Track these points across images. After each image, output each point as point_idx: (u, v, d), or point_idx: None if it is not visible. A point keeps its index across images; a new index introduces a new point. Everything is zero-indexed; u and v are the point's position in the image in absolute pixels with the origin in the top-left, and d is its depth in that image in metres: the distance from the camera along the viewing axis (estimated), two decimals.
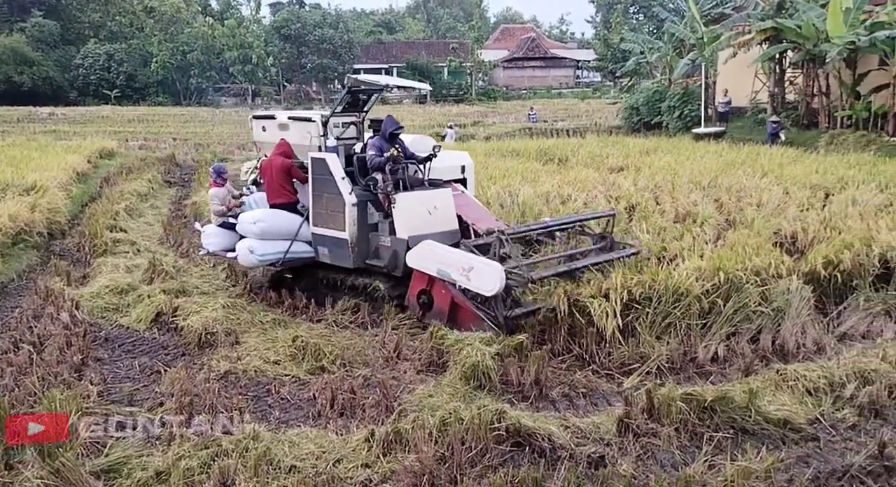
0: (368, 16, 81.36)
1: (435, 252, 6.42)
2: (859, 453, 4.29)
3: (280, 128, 7.74)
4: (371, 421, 4.84)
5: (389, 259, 6.95)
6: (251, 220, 7.39)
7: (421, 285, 6.63)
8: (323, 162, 7.08)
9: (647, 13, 49.00)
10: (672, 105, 25.38)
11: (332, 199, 7.03)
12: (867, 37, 17.43)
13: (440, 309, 6.50)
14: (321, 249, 7.33)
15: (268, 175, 7.53)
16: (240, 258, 7.42)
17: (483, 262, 6.13)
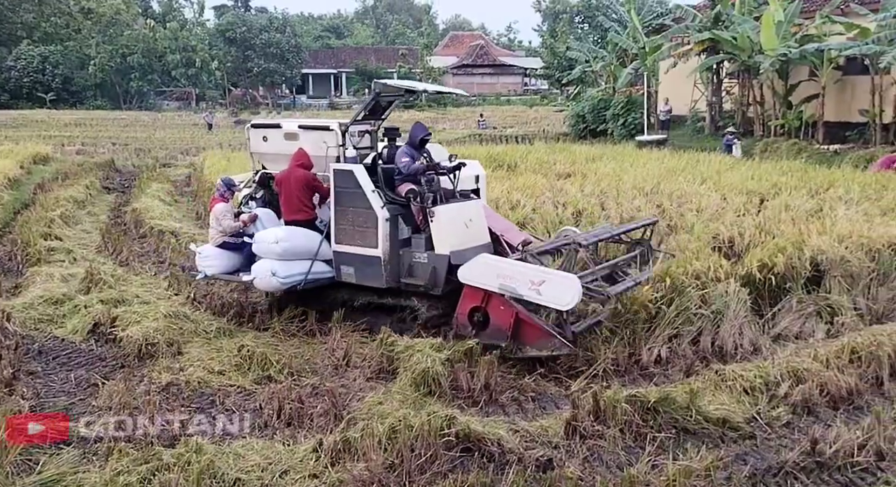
0: (316, 20, 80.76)
1: (495, 266, 5.97)
2: (793, 450, 4.44)
3: (287, 139, 7.11)
4: (319, 431, 4.77)
5: (429, 276, 6.41)
6: (272, 239, 6.65)
7: (474, 302, 6.08)
8: (349, 174, 6.50)
9: (591, 23, 50.02)
10: (616, 113, 26.02)
11: (361, 214, 6.46)
12: (798, 49, 18.27)
13: (499, 327, 5.98)
14: (345, 269, 6.70)
15: (285, 189, 6.84)
16: (259, 282, 6.74)
17: (558, 275, 5.86)
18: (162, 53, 51.27)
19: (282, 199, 6.93)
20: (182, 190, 16.56)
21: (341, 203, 6.60)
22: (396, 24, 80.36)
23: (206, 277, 7.28)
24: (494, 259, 6.12)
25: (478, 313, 6.09)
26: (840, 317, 6.61)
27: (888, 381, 5.39)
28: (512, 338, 5.93)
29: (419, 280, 6.48)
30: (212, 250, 7.24)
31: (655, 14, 28.05)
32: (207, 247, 7.31)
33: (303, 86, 58.24)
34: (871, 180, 11.62)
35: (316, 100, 54.91)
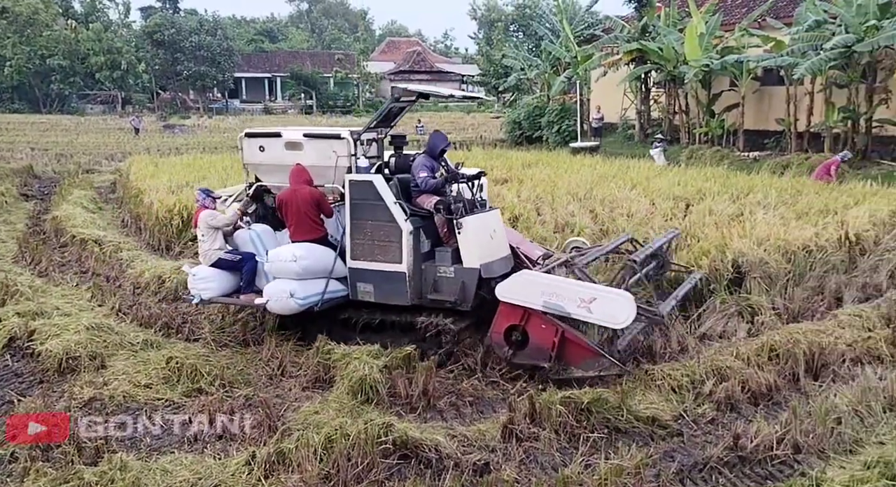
0: (249, 23, 79.12)
1: (540, 282, 5.69)
2: (717, 445, 4.62)
3: (288, 148, 6.59)
4: (252, 443, 4.67)
5: (457, 292, 6.06)
6: (289, 257, 6.14)
7: (511, 320, 5.79)
8: (369, 185, 6.11)
9: (526, 31, 50.94)
10: (551, 120, 26.55)
11: (382, 228, 6.07)
12: (719, 60, 19.09)
13: (540, 347, 5.70)
14: (362, 286, 6.27)
15: (292, 207, 6.30)
16: (275, 304, 6.19)
17: (610, 292, 5.64)
18: (85, 55, 49.14)
19: (290, 220, 6.37)
20: (107, 197, 15.93)
21: (359, 216, 6.17)
22: (332, 28, 79.71)
23: (202, 302, 6.65)
24: (538, 275, 5.85)
25: (516, 332, 5.80)
26: (760, 317, 6.92)
27: (804, 377, 5.67)
28: (556, 359, 5.67)
29: (446, 295, 6.09)
30: (207, 270, 6.54)
31: (586, 24, 28.79)
32: (201, 268, 6.61)
33: (236, 90, 56.98)
34: (787, 186, 12.25)
35: (250, 105, 53.80)
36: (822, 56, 15.66)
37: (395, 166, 6.77)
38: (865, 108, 16.62)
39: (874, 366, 5.56)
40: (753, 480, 4.35)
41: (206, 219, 6.51)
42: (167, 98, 53.61)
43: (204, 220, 6.52)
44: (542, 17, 33.79)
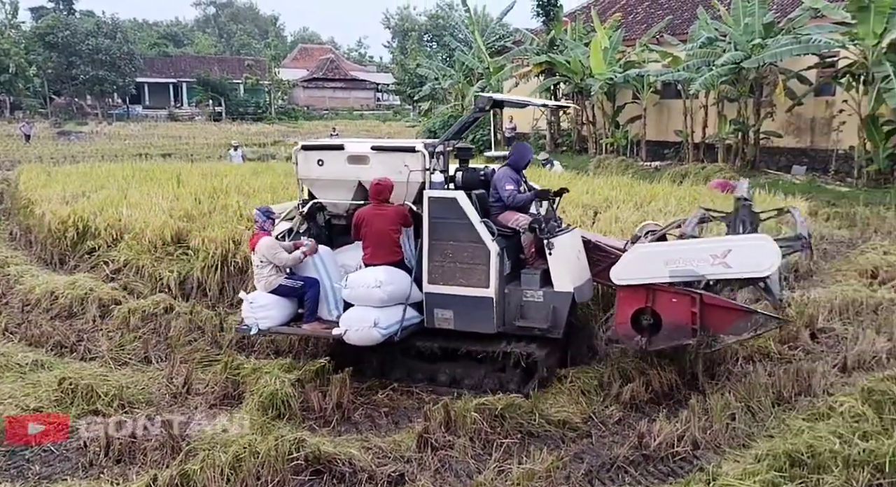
0: (151, 27, 75.90)
1: (659, 252, 5.28)
2: (623, 445, 4.81)
3: (352, 162, 5.94)
4: (154, 466, 4.45)
5: (548, 318, 5.55)
6: (373, 283, 5.53)
7: (636, 304, 5.32)
8: (452, 202, 5.58)
9: (439, 41, 51.50)
10: None
11: (465, 249, 5.55)
12: (622, 74, 20.00)
13: (678, 323, 5.24)
14: (440, 313, 5.70)
15: (374, 226, 5.68)
16: (355, 334, 5.53)
17: (745, 239, 5.26)
18: None
19: (368, 240, 5.74)
20: None
21: (438, 236, 5.63)
22: (241, 34, 77.64)
23: (259, 332, 5.93)
24: (654, 245, 5.49)
25: (644, 315, 5.33)
26: None
27: (702, 376, 5.97)
28: (701, 331, 5.22)
29: (536, 322, 5.57)
30: (266, 297, 5.85)
31: (498, 36, 29.41)
32: (260, 294, 5.89)
33: (138, 95, 54.41)
34: (686, 194, 12.92)
35: (153, 111, 51.49)
36: (715, 72, 16.70)
37: (462, 181, 6.06)
38: (753, 121, 17.83)
39: (763, 364, 5.93)
40: (657, 477, 4.54)
41: (266, 253, 5.78)
42: (62, 103, 50.48)
43: (262, 253, 5.80)
44: (454, 28, 34.21)
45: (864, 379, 5.64)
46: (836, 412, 4.99)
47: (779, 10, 18.64)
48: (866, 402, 5.07)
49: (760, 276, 5.18)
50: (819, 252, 10.11)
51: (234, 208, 10.12)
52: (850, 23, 15.01)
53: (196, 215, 9.73)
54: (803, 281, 8.88)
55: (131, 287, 8.11)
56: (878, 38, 14.28)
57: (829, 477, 4.11)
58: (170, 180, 12.68)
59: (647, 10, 24.76)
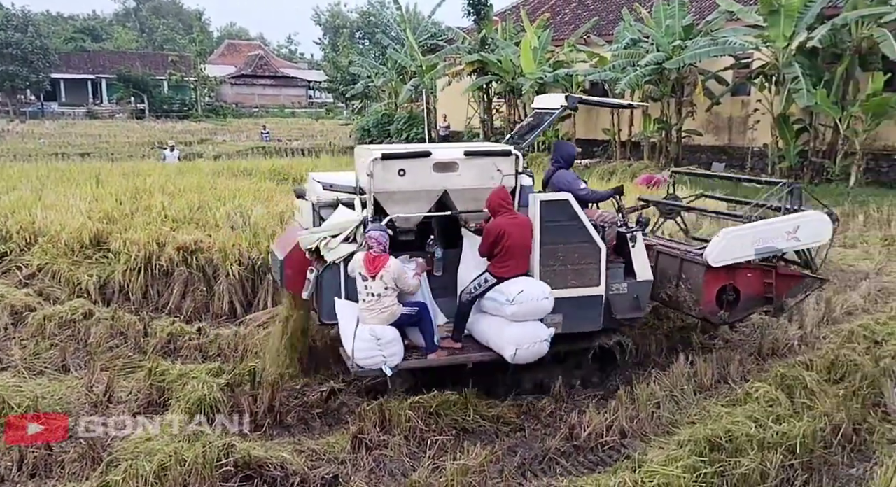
0: (67, 20, 72.27)
1: (747, 234, 5.89)
2: (555, 437, 4.91)
3: (438, 170, 5.41)
4: (72, 478, 4.25)
5: (637, 307, 5.83)
6: (541, 295, 5.29)
7: (720, 282, 5.92)
8: (564, 204, 5.48)
9: (371, 39, 51.16)
10: (399, 128, 26.89)
11: (577, 250, 5.51)
12: (551, 73, 20.38)
13: (751, 296, 6.03)
14: (549, 318, 5.49)
15: (515, 237, 5.28)
16: (527, 352, 5.25)
17: (806, 214, 6.02)
18: None
19: (510, 252, 5.30)
20: None
21: (550, 240, 5.47)
22: (164, 28, 74.95)
23: (393, 371, 5.20)
24: (739, 228, 6.01)
25: (726, 292, 5.95)
26: None
27: (630, 366, 6.17)
28: (767, 301, 6.03)
29: (630, 312, 5.82)
30: (390, 331, 5.15)
31: (430, 34, 29.51)
32: (384, 329, 5.12)
33: (53, 92, 51.77)
34: None
35: (71, 109, 49.08)
36: (639, 72, 17.25)
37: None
38: (676, 120, 18.53)
39: (686, 353, 6.17)
40: (587, 467, 4.67)
41: (396, 277, 5.12)
42: None
43: (395, 276, 5.11)
44: (386, 25, 34.12)
45: (778, 365, 5.97)
46: (752, 397, 5.27)
47: (697, 13, 19.43)
48: (779, 387, 5.37)
49: (822, 244, 6.19)
50: None
51: (158, 209, 9.78)
52: (762, 26, 15.79)
53: (117, 216, 9.35)
54: None
55: (47, 292, 7.71)
56: (788, 40, 15.08)
57: (745, 460, 4.33)
58: (88, 180, 12.15)
59: (575, 11, 25.33)
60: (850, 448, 4.80)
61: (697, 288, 5.93)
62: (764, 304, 6.16)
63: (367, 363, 5.10)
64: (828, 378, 5.65)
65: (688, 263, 6.03)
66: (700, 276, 5.88)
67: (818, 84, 14.94)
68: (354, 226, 5.37)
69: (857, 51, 14.94)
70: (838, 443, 4.78)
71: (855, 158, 15.44)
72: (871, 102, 14.58)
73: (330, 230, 5.45)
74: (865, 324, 6.84)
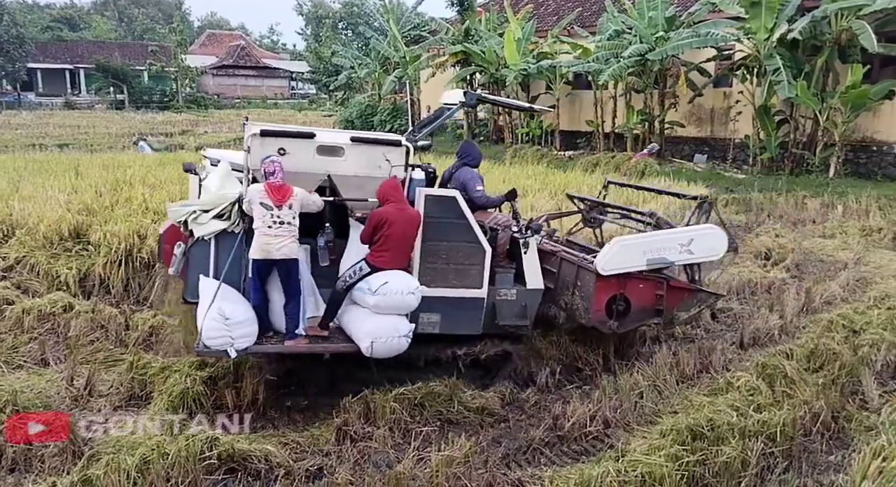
0: (43, 9, 70.96)
1: (638, 244, 5.76)
2: (539, 427, 4.95)
3: (322, 154, 5.31)
4: (53, 473, 4.20)
5: (522, 315, 5.67)
6: (407, 290, 5.15)
7: (611, 292, 5.74)
8: (451, 201, 5.36)
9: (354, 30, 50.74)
10: (383, 119, 26.75)
11: (461, 249, 5.38)
12: (535, 65, 20.37)
13: (643, 307, 5.85)
14: (427, 317, 5.40)
15: (398, 229, 5.13)
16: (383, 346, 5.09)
17: (703, 228, 5.98)
18: None
19: (389, 243, 5.15)
20: None
21: (434, 237, 5.36)
22: (144, 18, 73.75)
23: (238, 355, 4.98)
24: (632, 238, 5.92)
25: (616, 302, 5.78)
26: None
27: (612, 357, 6.21)
28: (657, 313, 5.91)
29: (515, 320, 5.65)
30: (243, 313, 4.96)
31: (413, 25, 29.33)
32: (235, 308, 4.94)
33: (30, 82, 50.82)
34: (597, 182, 13.35)
35: (48, 99, 48.21)
36: (622, 63, 17.28)
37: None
38: (658, 112, 18.60)
39: (669, 343, 6.23)
40: (571, 457, 4.70)
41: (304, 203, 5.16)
42: None
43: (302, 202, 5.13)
44: (369, 16, 33.86)
45: (759, 354, 6.05)
46: (734, 386, 5.33)
47: (680, 5, 19.48)
48: (760, 376, 5.44)
49: (716, 259, 6.11)
50: None
51: (139, 200, 9.66)
52: (743, 17, 15.88)
53: (97, 208, 9.22)
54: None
55: (25, 285, 7.59)
56: (769, 32, 15.18)
57: (726, 448, 4.38)
58: (67, 172, 11.97)
59: (558, 2, 25.30)
60: (828, 436, 4.88)
61: (588, 296, 5.78)
62: (655, 316, 5.98)
63: (213, 343, 4.85)
64: (807, 367, 5.73)
65: (583, 271, 5.89)
66: (591, 284, 5.75)
67: (798, 76, 15.07)
68: (229, 203, 5.21)
69: (836, 43, 15.08)
70: (817, 431, 4.86)
71: (834, 150, 15.61)
72: (851, 94, 14.73)
73: (201, 204, 5.29)
74: (844, 314, 6.93)
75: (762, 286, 8.24)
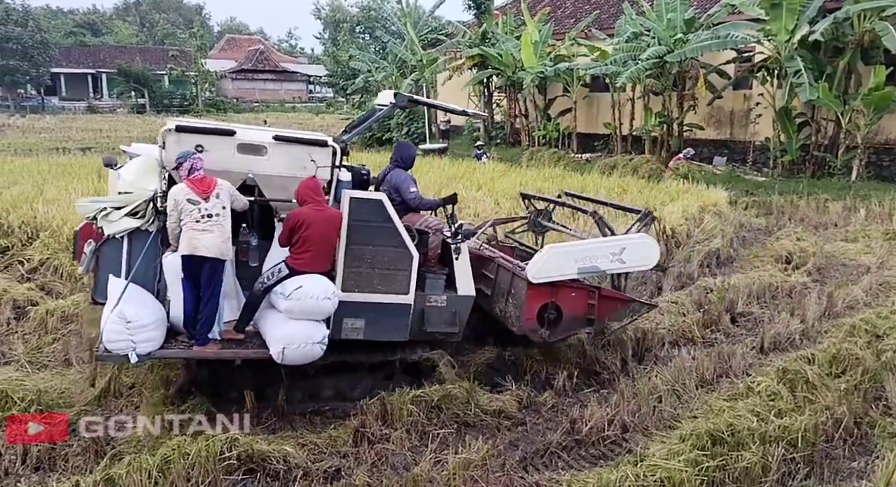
0: (67, 15, 72.14)
1: (569, 252, 5.67)
2: (556, 431, 4.93)
3: (242, 152, 5.12)
4: (76, 472, 4.27)
5: (452, 322, 5.52)
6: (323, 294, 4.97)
7: (542, 300, 5.64)
8: (377, 205, 5.19)
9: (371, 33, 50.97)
10: (400, 122, 26.82)
11: (387, 254, 5.22)
12: (552, 67, 20.33)
13: (574, 316, 5.76)
14: (350, 323, 5.26)
15: (317, 230, 4.97)
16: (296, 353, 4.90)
17: (635, 237, 5.88)
18: None
19: (307, 245, 4.99)
20: None
21: (358, 240, 5.20)
22: (164, 23, 74.73)
23: (139, 361, 4.81)
24: (564, 245, 5.88)
25: (548, 310, 5.69)
26: None
27: (631, 361, 6.17)
28: (589, 322, 5.84)
29: (440, 327, 5.49)
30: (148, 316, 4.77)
31: (430, 28, 29.38)
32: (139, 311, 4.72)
33: (53, 86, 51.66)
34: (615, 185, 13.31)
35: (71, 103, 48.98)
36: (640, 66, 17.19)
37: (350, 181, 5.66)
38: (677, 114, 18.48)
39: (688, 348, 6.18)
40: (588, 461, 4.68)
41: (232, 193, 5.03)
42: None
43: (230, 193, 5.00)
44: (386, 19, 33.98)
45: (780, 359, 5.98)
46: (754, 391, 5.27)
47: (699, 7, 19.35)
48: (781, 381, 5.38)
49: (648, 269, 5.96)
50: (739, 239, 10.60)
51: None
52: (764, 19, 15.73)
53: None
54: (724, 267, 9.30)
55: (48, 287, 7.72)
56: (790, 34, 15.02)
57: (747, 454, 4.34)
58: (90, 175, 12.12)
59: (575, 5, 25.25)
60: (851, 442, 4.81)
61: (521, 303, 5.67)
62: (586, 325, 5.89)
63: (114, 347, 4.64)
64: (829, 372, 5.65)
65: (517, 278, 5.79)
66: (523, 292, 5.65)
67: (820, 78, 14.90)
68: (143, 200, 5.03)
69: (858, 44, 14.88)
70: (840, 437, 4.80)
71: (857, 152, 15.40)
72: (873, 96, 14.52)
73: (112, 201, 5.08)
74: (867, 318, 6.83)
75: (783, 290, 8.15)
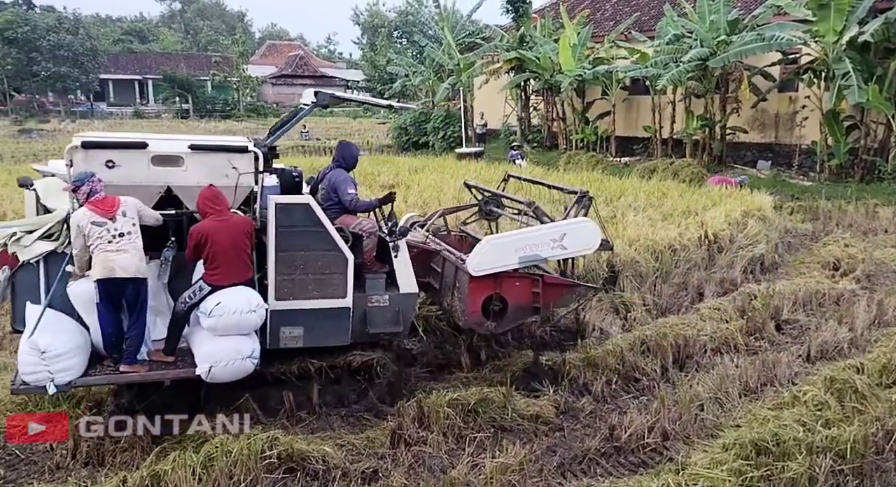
0: (115, 22, 74.39)
1: (509, 242, 5.56)
2: (595, 437, 4.88)
3: (157, 164, 4.88)
4: (124, 467, 4.39)
5: (397, 321, 5.43)
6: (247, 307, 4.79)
7: (486, 292, 5.56)
8: (304, 209, 5.04)
9: (409, 38, 51.32)
10: (436, 126, 26.94)
11: (320, 258, 5.10)
12: (591, 70, 20.16)
13: (520, 306, 5.68)
14: (288, 331, 5.12)
15: (224, 241, 4.77)
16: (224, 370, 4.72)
17: (575, 222, 5.82)
18: None
19: (218, 258, 4.78)
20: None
21: (288, 247, 5.04)
22: (208, 30, 76.48)
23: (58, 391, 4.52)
24: (502, 236, 5.78)
25: (492, 302, 5.62)
26: (633, 312, 7.35)
27: (671, 368, 6.07)
28: (534, 311, 5.76)
29: (388, 327, 5.40)
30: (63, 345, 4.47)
31: (468, 32, 29.46)
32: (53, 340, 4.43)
33: (102, 92, 53.29)
34: (654, 189, 13.11)
35: (118, 108, 50.47)
36: (681, 68, 16.91)
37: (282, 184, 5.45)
38: (720, 117, 18.12)
39: (731, 355, 6.05)
40: (628, 468, 4.61)
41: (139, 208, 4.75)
42: (23, 101, 49.16)
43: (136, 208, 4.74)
44: (424, 24, 34.18)
45: (827, 368, 5.81)
46: (801, 401, 5.13)
47: (743, 8, 18.97)
48: (829, 391, 5.22)
49: (589, 253, 5.98)
50: (784, 245, 10.35)
51: None
52: (811, 20, 15.33)
53: None
54: (768, 273, 9.09)
55: None
56: (838, 35, 14.62)
57: (793, 464, 4.22)
58: None
59: (615, 7, 25.00)
60: None
61: (465, 297, 5.56)
62: (533, 314, 5.81)
63: (31, 379, 4.38)
64: (879, 382, 5.47)
65: (459, 271, 5.66)
66: (466, 285, 5.53)
67: (870, 80, 14.44)
68: (57, 222, 4.78)
69: None
70: (891, 449, 4.63)
71: None
72: None
73: (24, 224, 4.83)
74: None
75: (830, 297, 7.92)
